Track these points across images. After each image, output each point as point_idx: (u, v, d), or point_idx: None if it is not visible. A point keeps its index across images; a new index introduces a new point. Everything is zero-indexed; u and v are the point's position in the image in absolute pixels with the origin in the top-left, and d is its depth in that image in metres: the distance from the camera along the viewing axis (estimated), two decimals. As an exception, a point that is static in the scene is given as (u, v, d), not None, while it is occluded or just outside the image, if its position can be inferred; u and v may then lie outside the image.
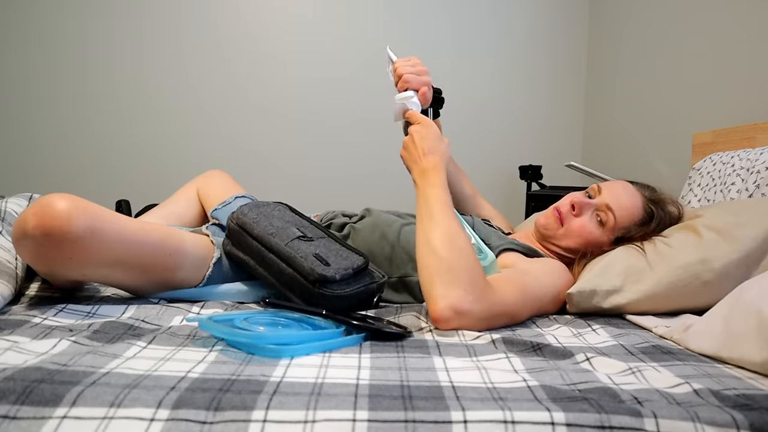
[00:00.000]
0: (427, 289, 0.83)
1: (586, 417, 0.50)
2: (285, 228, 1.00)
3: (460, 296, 0.80)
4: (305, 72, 2.71)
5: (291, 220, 1.05)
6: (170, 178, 2.53)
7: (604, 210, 1.09)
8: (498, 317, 0.86)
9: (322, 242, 1.00)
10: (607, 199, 1.10)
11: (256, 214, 1.02)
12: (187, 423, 0.47)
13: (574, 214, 1.11)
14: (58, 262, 0.82)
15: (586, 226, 1.10)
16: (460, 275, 0.82)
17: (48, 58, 2.59)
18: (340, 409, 0.50)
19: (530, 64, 2.81)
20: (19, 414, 0.47)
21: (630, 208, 1.09)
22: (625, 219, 1.08)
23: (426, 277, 0.83)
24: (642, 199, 1.11)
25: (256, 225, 0.99)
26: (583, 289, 0.99)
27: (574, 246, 1.11)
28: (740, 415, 0.51)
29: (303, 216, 1.10)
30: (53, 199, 0.78)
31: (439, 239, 0.85)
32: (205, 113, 2.67)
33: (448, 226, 0.86)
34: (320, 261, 0.94)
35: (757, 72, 1.63)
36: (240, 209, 1.04)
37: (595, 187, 1.14)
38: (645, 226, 1.09)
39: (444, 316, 0.80)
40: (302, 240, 0.98)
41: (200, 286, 0.99)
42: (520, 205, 2.70)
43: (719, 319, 0.76)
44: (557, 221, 1.12)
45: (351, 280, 0.95)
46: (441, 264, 0.82)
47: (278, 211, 1.07)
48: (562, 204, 1.14)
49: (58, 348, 0.63)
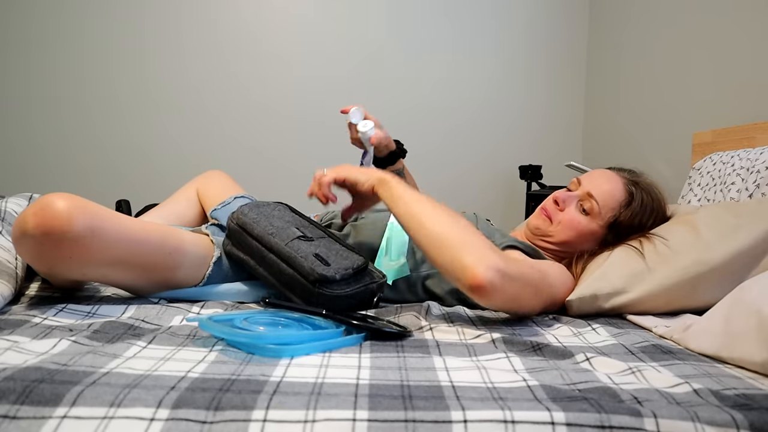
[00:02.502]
0: (457, 260, 0.81)
1: (586, 417, 0.50)
2: (285, 228, 1.00)
3: (496, 257, 0.81)
4: (306, 72, 2.71)
5: (291, 220, 1.05)
6: (170, 178, 2.52)
7: (585, 198, 1.11)
8: (525, 287, 0.87)
9: (322, 242, 1.00)
10: (587, 187, 1.12)
11: (256, 214, 1.02)
12: (187, 423, 0.47)
13: (559, 209, 1.14)
14: (58, 262, 0.82)
15: (573, 217, 1.12)
16: (483, 241, 0.84)
17: (48, 58, 2.59)
18: (340, 409, 0.50)
19: (530, 64, 2.81)
20: (19, 414, 0.47)
21: (610, 190, 1.11)
22: (607, 201, 1.10)
23: (451, 252, 0.82)
24: (622, 180, 1.13)
25: (257, 225, 0.99)
26: (583, 294, 0.99)
27: (567, 239, 1.12)
28: (740, 415, 0.51)
29: (303, 216, 1.10)
30: (53, 198, 0.78)
31: (448, 219, 0.86)
32: (205, 113, 2.67)
33: (443, 209, 0.89)
34: (320, 261, 0.94)
35: (757, 72, 1.63)
36: (240, 209, 1.04)
37: (575, 180, 1.16)
38: (629, 207, 1.10)
39: (488, 278, 0.79)
40: (302, 240, 0.98)
41: (200, 286, 0.99)
42: (520, 205, 2.70)
43: (719, 319, 0.76)
44: (546, 219, 1.15)
45: (351, 279, 0.95)
46: (462, 236, 0.84)
47: (278, 211, 1.07)
48: (546, 202, 1.17)
49: (58, 348, 0.63)
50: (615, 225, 1.10)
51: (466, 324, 0.88)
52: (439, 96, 2.78)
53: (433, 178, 2.70)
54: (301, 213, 1.11)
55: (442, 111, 2.79)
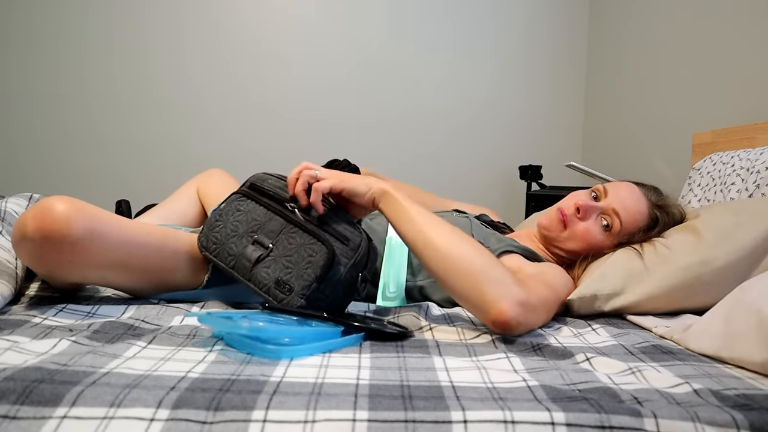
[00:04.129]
0: (478, 293, 0.77)
1: (586, 417, 0.50)
2: (242, 252, 0.90)
3: (518, 289, 0.78)
4: (306, 72, 2.71)
5: (246, 229, 0.92)
6: (170, 178, 2.52)
7: (610, 214, 1.07)
8: (546, 312, 0.86)
9: (280, 246, 0.89)
10: (614, 203, 1.07)
11: (215, 241, 0.93)
12: (187, 423, 0.47)
13: (578, 218, 1.08)
14: (58, 265, 0.82)
15: (590, 230, 1.07)
16: (502, 269, 0.80)
17: (49, 58, 2.59)
18: (340, 409, 0.50)
19: (530, 64, 2.81)
20: (19, 414, 0.47)
21: (636, 214, 1.07)
22: (630, 225, 1.07)
23: (470, 283, 0.78)
24: (648, 204, 1.09)
25: (219, 257, 0.92)
26: (584, 294, 0.98)
27: (576, 249, 1.09)
28: (740, 415, 0.51)
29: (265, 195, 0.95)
30: (52, 201, 0.78)
31: (463, 244, 0.82)
32: (205, 113, 2.68)
33: (452, 229, 0.85)
34: (280, 289, 0.86)
35: (757, 72, 1.63)
36: (199, 237, 0.95)
37: (601, 188, 1.11)
38: (648, 231, 1.07)
39: (513, 314, 0.75)
40: (260, 262, 0.89)
41: (200, 289, 0.99)
42: (520, 205, 2.70)
43: (719, 319, 0.76)
44: (560, 223, 1.09)
45: (317, 291, 0.86)
46: (481, 264, 0.79)
47: (233, 217, 0.94)
48: (567, 206, 1.10)
49: (58, 348, 0.63)
50: (626, 243, 1.08)
51: (466, 324, 0.88)
52: (440, 96, 2.78)
53: (434, 178, 2.71)
54: (265, 189, 0.95)
55: (443, 111, 2.79)
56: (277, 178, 0.98)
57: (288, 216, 0.91)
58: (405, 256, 1.10)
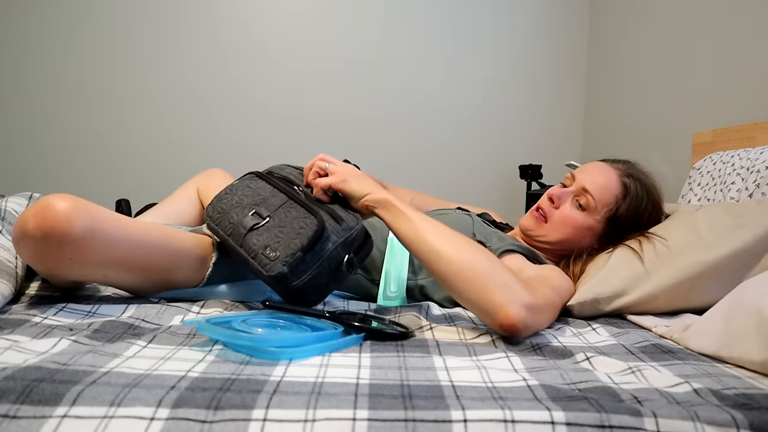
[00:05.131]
0: (485, 298, 0.78)
1: (586, 416, 0.50)
2: (240, 221, 0.94)
3: (523, 292, 0.79)
4: (306, 72, 2.71)
5: (250, 201, 0.96)
6: (170, 177, 2.52)
7: (581, 193, 1.10)
8: (551, 313, 0.87)
9: (276, 218, 0.92)
10: (583, 182, 1.10)
11: (219, 212, 0.97)
12: (187, 422, 0.47)
13: (554, 207, 1.12)
14: (59, 263, 0.81)
15: (568, 214, 1.10)
16: (505, 273, 0.81)
17: (49, 58, 2.59)
18: (340, 408, 0.50)
19: (530, 64, 2.81)
20: (19, 413, 0.47)
21: (606, 184, 1.10)
22: (603, 195, 1.09)
23: (477, 288, 0.79)
24: (617, 173, 1.12)
25: (220, 226, 0.95)
26: (584, 299, 0.98)
27: (564, 237, 1.11)
28: (740, 415, 0.51)
29: (275, 176, 1.01)
30: (53, 199, 0.78)
31: (466, 249, 0.83)
32: (205, 112, 2.67)
33: (454, 233, 0.86)
34: (266, 255, 0.87)
35: (757, 72, 1.63)
36: (207, 207, 0.99)
37: (569, 175, 1.15)
38: (626, 199, 1.09)
39: (520, 317, 0.76)
40: (254, 230, 0.91)
41: (200, 287, 0.99)
42: (520, 205, 2.70)
43: (719, 319, 0.76)
44: (538, 220, 1.13)
45: (302, 261, 0.86)
46: (486, 268, 0.80)
47: (240, 191, 0.99)
48: (542, 201, 1.14)
49: (58, 347, 0.63)
50: (613, 219, 1.10)
51: (467, 324, 0.88)
52: (439, 95, 2.78)
53: (433, 177, 2.71)
54: (276, 173, 1.02)
55: (443, 110, 2.79)
56: (295, 167, 1.05)
57: (291, 193, 0.96)
58: (407, 254, 1.11)
